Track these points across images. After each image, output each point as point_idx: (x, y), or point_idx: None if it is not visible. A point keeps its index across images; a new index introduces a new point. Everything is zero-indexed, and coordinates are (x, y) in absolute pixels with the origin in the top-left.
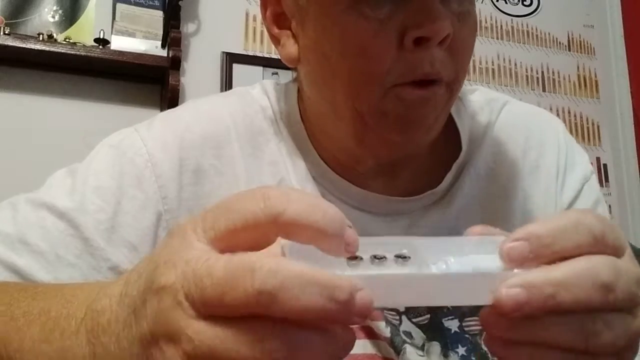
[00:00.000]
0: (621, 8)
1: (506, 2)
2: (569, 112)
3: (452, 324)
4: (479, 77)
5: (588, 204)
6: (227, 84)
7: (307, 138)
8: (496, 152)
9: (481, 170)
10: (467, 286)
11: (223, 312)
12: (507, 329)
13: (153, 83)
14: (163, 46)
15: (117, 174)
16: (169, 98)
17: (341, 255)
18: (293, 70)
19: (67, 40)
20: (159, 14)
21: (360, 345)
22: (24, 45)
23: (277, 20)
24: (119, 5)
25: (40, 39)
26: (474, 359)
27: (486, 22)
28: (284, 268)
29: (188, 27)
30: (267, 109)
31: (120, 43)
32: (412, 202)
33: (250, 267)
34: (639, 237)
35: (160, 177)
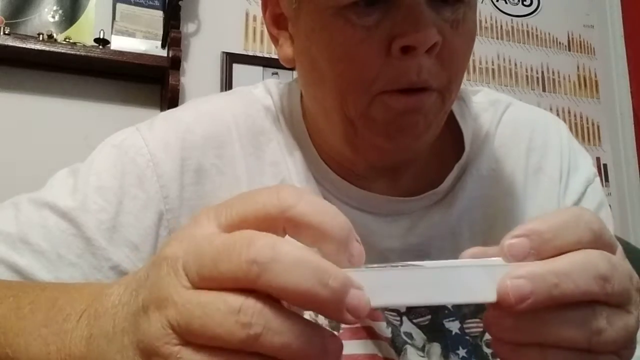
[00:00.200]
0: (621, 8)
1: (506, 2)
2: (569, 112)
3: (453, 326)
4: (479, 77)
5: (592, 207)
6: (227, 84)
7: (308, 138)
8: (499, 153)
9: (483, 171)
10: (469, 280)
11: (216, 284)
12: (512, 330)
13: (153, 83)
14: (163, 46)
15: (119, 174)
16: (169, 98)
17: (344, 266)
18: (293, 70)
19: (67, 40)
20: (159, 14)
21: (361, 345)
22: (24, 45)
23: (276, 20)
24: (119, 5)
25: (40, 39)
26: None
27: (486, 22)
28: (281, 244)
29: (188, 27)
30: (269, 108)
31: (120, 43)
32: (413, 202)
33: (248, 240)
34: (639, 237)
35: (162, 177)
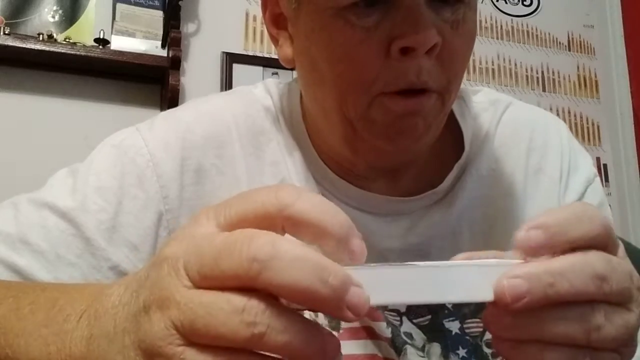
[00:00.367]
0: (621, 8)
1: (506, 2)
2: (569, 112)
3: (453, 326)
4: (479, 77)
5: None
6: (227, 84)
7: (307, 138)
8: (499, 153)
9: (483, 171)
10: (468, 279)
11: (217, 283)
12: (511, 327)
13: (153, 83)
14: (163, 46)
15: (119, 174)
16: (169, 98)
17: (344, 263)
18: (293, 70)
19: (67, 40)
20: (159, 14)
21: (361, 345)
22: (24, 45)
23: (275, 20)
24: (119, 5)
25: (40, 39)
26: None
27: (486, 22)
28: (281, 242)
29: (188, 27)
30: (269, 108)
31: (120, 43)
32: (412, 202)
33: (249, 238)
34: (639, 237)
35: (162, 177)
